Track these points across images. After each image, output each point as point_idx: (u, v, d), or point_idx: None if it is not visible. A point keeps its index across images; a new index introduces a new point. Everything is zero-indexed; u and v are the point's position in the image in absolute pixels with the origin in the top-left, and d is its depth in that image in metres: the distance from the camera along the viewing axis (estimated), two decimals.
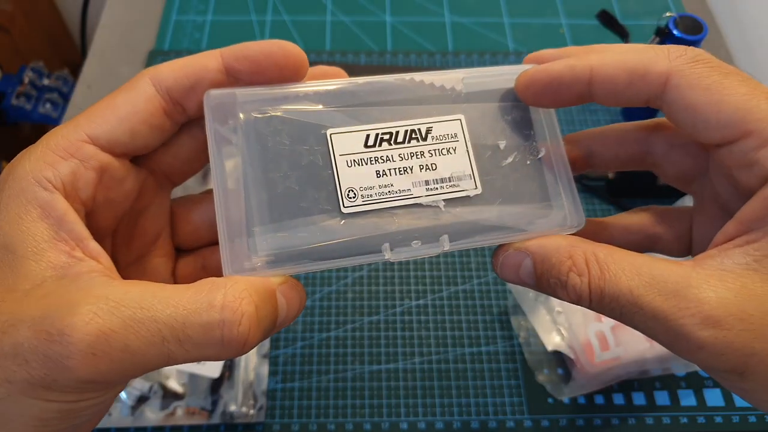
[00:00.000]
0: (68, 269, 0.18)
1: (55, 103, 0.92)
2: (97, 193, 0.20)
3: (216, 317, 0.17)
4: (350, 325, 0.45)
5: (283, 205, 0.20)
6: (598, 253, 0.19)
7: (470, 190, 0.22)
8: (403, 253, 0.21)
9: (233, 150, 0.21)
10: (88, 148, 0.19)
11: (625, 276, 0.18)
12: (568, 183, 0.23)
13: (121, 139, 0.20)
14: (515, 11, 0.66)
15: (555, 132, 0.23)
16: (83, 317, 0.16)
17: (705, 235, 0.22)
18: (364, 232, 0.21)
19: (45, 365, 0.16)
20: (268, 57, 0.21)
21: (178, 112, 0.21)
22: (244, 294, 0.18)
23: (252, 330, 0.17)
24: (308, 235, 0.20)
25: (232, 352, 0.18)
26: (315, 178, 0.21)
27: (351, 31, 0.63)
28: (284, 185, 0.21)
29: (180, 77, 0.21)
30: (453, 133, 0.22)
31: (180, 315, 0.17)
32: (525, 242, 0.21)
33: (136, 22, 0.63)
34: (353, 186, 0.21)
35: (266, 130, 0.21)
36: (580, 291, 0.19)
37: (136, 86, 0.20)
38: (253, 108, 0.21)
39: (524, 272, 0.21)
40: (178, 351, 0.17)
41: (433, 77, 0.23)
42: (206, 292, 0.17)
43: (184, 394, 0.40)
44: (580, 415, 0.41)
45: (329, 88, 0.22)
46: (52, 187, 0.18)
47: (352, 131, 0.21)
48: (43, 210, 0.18)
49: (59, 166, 0.19)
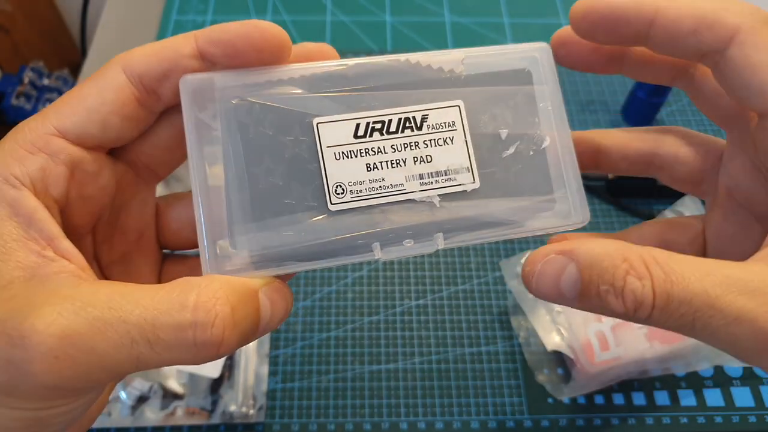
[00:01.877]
0: (38, 269, 0.17)
1: None
2: (70, 189, 0.19)
3: (188, 318, 0.16)
4: (350, 325, 0.45)
5: (266, 202, 0.19)
6: (657, 255, 0.17)
7: (467, 184, 0.20)
8: (394, 253, 0.19)
9: (212, 140, 0.19)
10: (56, 142, 0.18)
11: (695, 277, 0.16)
12: (574, 175, 0.21)
13: (92, 132, 0.19)
14: (515, 11, 0.66)
15: (562, 119, 0.21)
16: (46, 318, 0.15)
17: (721, 234, 0.22)
18: (353, 230, 0.19)
19: (6, 370, 0.15)
20: (245, 39, 0.19)
21: (152, 100, 0.20)
22: (220, 294, 0.17)
23: (227, 332, 0.16)
24: (293, 234, 0.19)
25: (206, 356, 0.16)
26: (300, 172, 0.19)
27: (351, 31, 0.63)
28: (267, 180, 0.19)
29: (152, 63, 0.19)
30: (450, 121, 0.20)
31: (150, 316, 0.16)
32: (566, 246, 0.18)
33: (136, 22, 0.63)
34: (341, 181, 0.19)
35: (247, 119, 0.19)
36: (641, 297, 0.16)
37: (105, 75, 0.19)
38: (232, 94, 0.19)
39: (567, 281, 0.18)
40: (149, 354, 0.16)
41: (430, 58, 0.21)
42: (179, 292, 0.16)
43: (184, 394, 0.40)
44: (580, 415, 0.41)
45: (316, 71, 0.20)
46: (20, 184, 0.17)
47: (341, 120, 0.20)
48: (11, 208, 0.17)
49: (27, 161, 0.18)
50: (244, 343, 0.18)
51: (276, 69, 0.20)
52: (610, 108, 0.58)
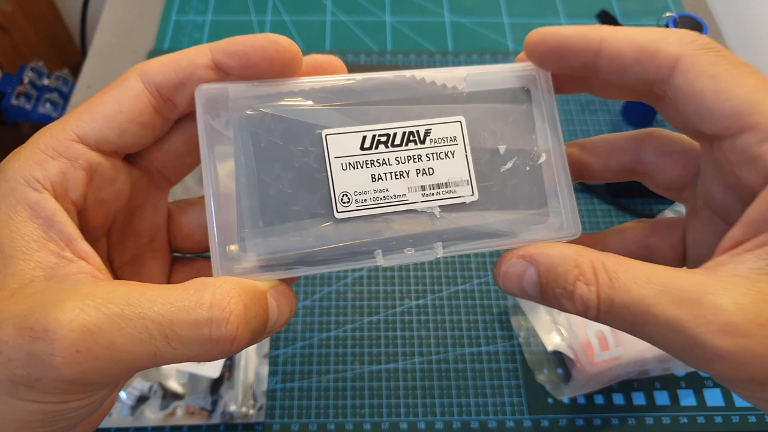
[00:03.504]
0: (57, 269, 0.17)
1: (55, 103, 0.92)
2: (87, 193, 0.20)
3: (204, 315, 0.17)
4: (350, 325, 0.45)
5: (274, 209, 0.20)
6: (606, 262, 0.18)
7: (467, 196, 0.21)
8: (395, 260, 0.20)
9: (225, 148, 0.20)
10: (76, 147, 0.19)
11: (635, 284, 0.17)
12: (568, 190, 0.22)
13: (110, 138, 0.20)
14: (515, 11, 0.66)
15: (558, 136, 0.22)
16: (68, 314, 0.16)
17: (699, 241, 0.22)
18: (357, 237, 0.20)
19: (28, 363, 0.16)
20: (258, 52, 0.20)
21: (168, 108, 0.21)
22: (233, 293, 0.17)
23: (240, 329, 0.17)
24: (300, 240, 0.20)
25: (220, 352, 0.17)
26: (308, 181, 0.20)
27: (351, 31, 0.63)
28: (276, 188, 0.20)
29: (169, 73, 0.20)
30: (452, 136, 0.21)
31: (168, 312, 0.16)
32: (529, 251, 0.20)
33: (136, 22, 0.63)
34: (347, 190, 0.20)
35: (259, 129, 0.20)
36: (587, 301, 0.18)
37: (124, 84, 0.20)
38: (245, 104, 0.20)
39: (528, 282, 0.20)
40: (166, 349, 0.16)
41: (434, 75, 0.22)
42: (195, 290, 0.17)
43: (184, 394, 0.40)
44: (580, 415, 0.41)
45: (325, 84, 0.21)
46: (41, 187, 0.18)
47: (349, 132, 0.21)
48: (32, 210, 0.18)
49: (48, 165, 0.19)
50: (254, 342, 0.19)
51: (287, 81, 0.21)
52: (610, 108, 0.58)
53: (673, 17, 0.49)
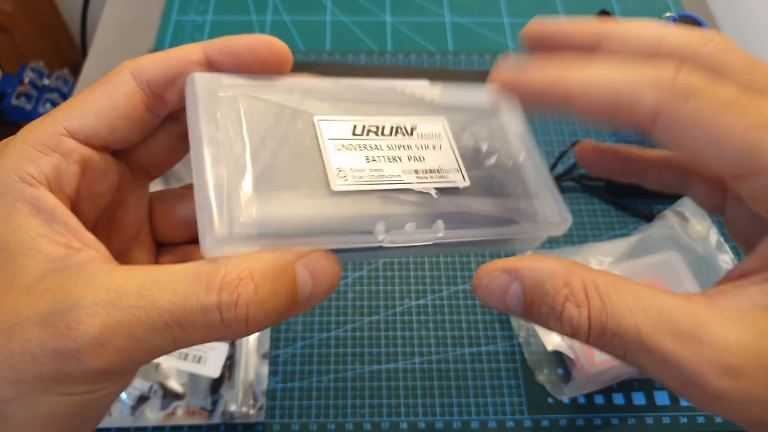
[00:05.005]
0: (67, 260, 0.17)
1: (55, 103, 0.92)
2: (81, 187, 0.20)
3: (213, 300, 0.16)
4: (350, 325, 0.45)
5: (270, 180, 0.19)
6: (598, 281, 0.17)
7: (459, 182, 0.21)
8: (397, 236, 0.20)
9: (217, 128, 0.20)
10: (68, 142, 0.19)
11: (629, 310, 0.16)
12: (551, 183, 0.23)
13: (101, 134, 0.20)
14: (515, 11, 0.66)
15: (531, 145, 0.23)
16: (87, 310, 0.16)
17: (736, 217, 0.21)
18: (356, 210, 0.20)
19: (54, 360, 0.16)
20: (252, 52, 0.20)
21: (159, 105, 0.21)
22: (244, 273, 0.17)
23: (251, 310, 0.17)
24: (297, 211, 0.19)
25: (237, 333, 0.17)
26: (303, 158, 0.20)
27: (351, 31, 0.63)
28: (271, 162, 0.19)
29: (160, 69, 0.20)
30: (437, 132, 0.22)
31: (179, 300, 0.16)
32: (514, 264, 0.18)
33: (136, 22, 0.63)
34: (343, 167, 0.20)
35: (251, 110, 0.20)
36: (577, 325, 0.17)
37: (114, 80, 0.20)
38: (239, 91, 0.21)
39: (512, 298, 0.18)
40: (183, 335, 0.17)
41: (413, 89, 0.23)
42: (206, 274, 0.17)
43: (184, 394, 0.40)
44: (580, 415, 0.41)
45: (314, 83, 0.22)
46: (37, 183, 0.18)
47: (340, 120, 0.21)
48: (33, 206, 0.18)
49: (41, 161, 0.18)
50: (282, 318, 0.18)
51: (278, 78, 0.21)
52: None
53: (673, 17, 0.49)
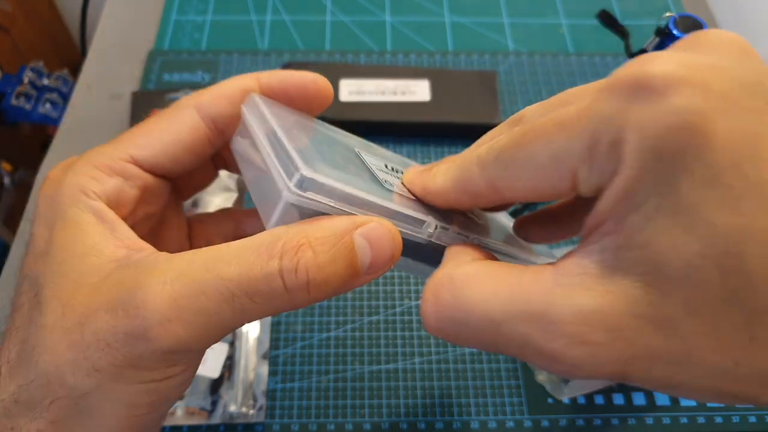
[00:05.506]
0: (130, 258, 0.19)
1: (55, 103, 0.92)
2: (137, 209, 0.22)
3: (275, 266, 0.17)
4: (350, 325, 0.45)
5: (334, 165, 0.20)
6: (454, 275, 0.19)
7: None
8: (443, 235, 0.21)
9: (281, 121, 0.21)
10: (131, 168, 0.21)
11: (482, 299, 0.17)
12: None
13: (165, 164, 0.22)
14: (515, 11, 0.66)
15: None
16: (153, 288, 0.17)
17: None
18: (407, 206, 0.20)
19: (126, 343, 0.17)
20: (301, 89, 0.23)
21: (220, 139, 0.23)
22: (303, 240, 0.17)
23: (311, 274, 0.17)
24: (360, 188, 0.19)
25: (300, 300, 0.18)
26: (354, 164, 0.21)
27: (351, 31, 0.63)
28: (330, 155, 0.21)
29: (223, 107, 0.22)
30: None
31: (244, 270, 0.17)
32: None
33: (136, 22, 0.62)
34: (388, 180, 0.22)
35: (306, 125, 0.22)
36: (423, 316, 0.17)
37: (178, 115, 0.22)
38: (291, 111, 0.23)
39: None
40: (250, 305, 0.17)
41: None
42: (267, 244, 0.17)
43: (183, 394, 0.40)
44: (580, 415, 0.41)
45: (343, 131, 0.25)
46: (98, 199, 0.20)
47: (374, 156, 0.24)
48: (97, 216, 0.19)
49: (104, 181, 0.20)
50: (346, 287, 0.19)
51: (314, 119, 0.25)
52: None
53: (673, 17, 0.49)
